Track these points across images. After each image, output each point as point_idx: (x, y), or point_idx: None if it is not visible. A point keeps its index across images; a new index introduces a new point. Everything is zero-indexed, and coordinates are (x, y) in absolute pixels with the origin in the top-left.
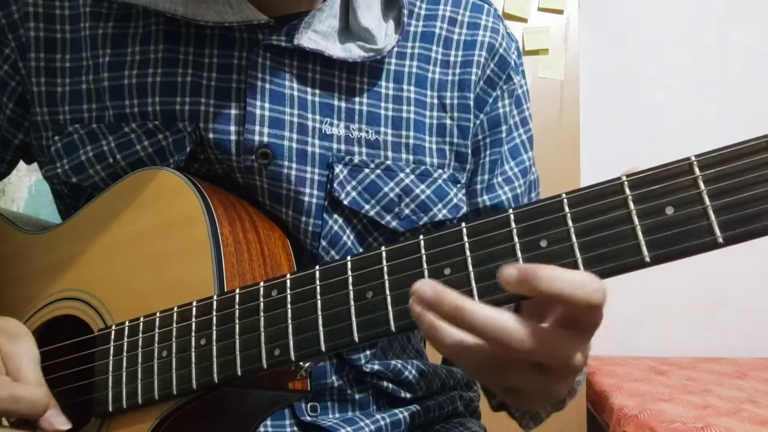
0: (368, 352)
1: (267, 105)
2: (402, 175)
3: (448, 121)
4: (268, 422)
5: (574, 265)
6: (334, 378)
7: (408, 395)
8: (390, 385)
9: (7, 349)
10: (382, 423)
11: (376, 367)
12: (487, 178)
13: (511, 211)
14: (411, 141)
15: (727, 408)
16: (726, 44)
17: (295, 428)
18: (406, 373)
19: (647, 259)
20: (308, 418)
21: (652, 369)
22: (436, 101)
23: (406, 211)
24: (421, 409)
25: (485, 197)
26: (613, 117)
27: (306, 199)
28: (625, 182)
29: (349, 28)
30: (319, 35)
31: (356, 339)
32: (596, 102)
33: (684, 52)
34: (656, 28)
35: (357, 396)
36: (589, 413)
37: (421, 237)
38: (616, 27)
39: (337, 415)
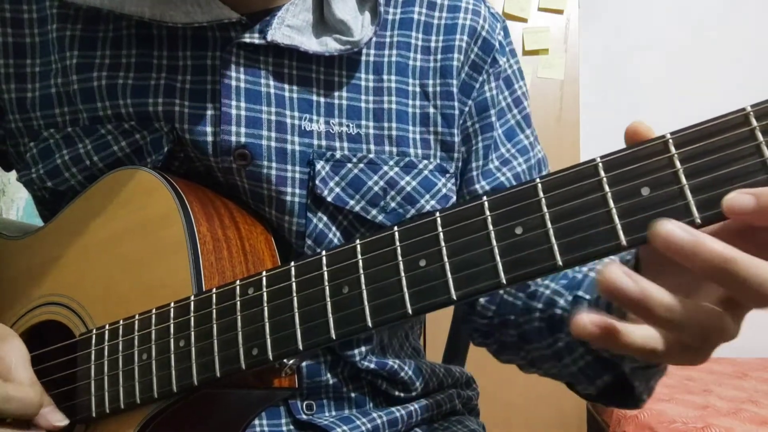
0: (363, 348)
1: (243, 104)
2: (386, 167)
3: (431, 110)
4: (264, 421)
5: (549, 253)
6: (328, 375)
7: (403, 395)
8: (385, 384)
9: None
10: (378, 422)
11: (372, 365)
12: (481, 164)
13: (485, 198)
14: (394, 132)
15: (727, 408)
16: (727, 44)
17: (291, 427)
18: (402, 373)
19: (624, 243)
20: (304, 417)
21: None
22: (418, 90)
23: (392, 205)
24: (418, 408)
25: (483, 183)
26: (613, 117)
27: (288, 198)
28: (600, 164)
29: (324, 21)
30: (294, 30)
31: (333, 336)
32: (596, 102)
33: (684, 52)
34: (656, 28)
35: (353, 394)
36: (589, 413)
37: (395, 228)
38: (616, 27)
39: (333, 413)
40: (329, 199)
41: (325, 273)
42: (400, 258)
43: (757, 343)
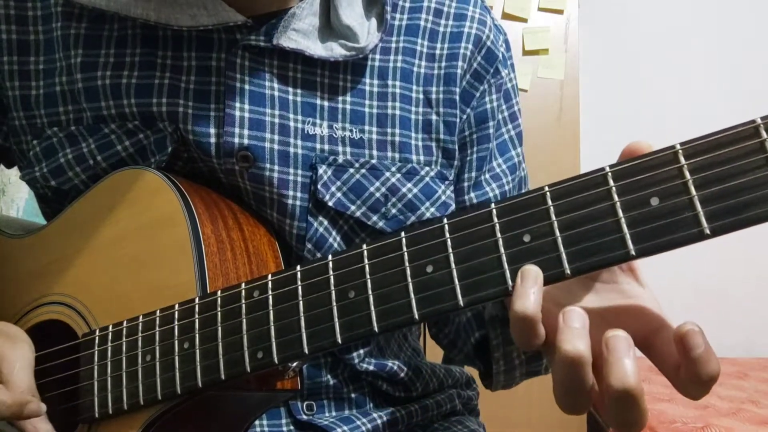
0: (362, 351)
1: (246, 106)
2: (388, 174)
3: (434, 117)
4: (264, 421)
5: (557, 261)
6: (329, 376)
7: (404, 395)
8: (385, 385)
9: (3, 352)
10: (379, 422)
11: (371, 367)
12: (474, 175)
13: (493, 205)
14: (397, 138)
15: (727, 408)
16: (726, 44)
17: (291, 427)
18: (402, 374)
19: (632, 252)
20: (304, 417)
21: (652, 369)
22: (421, 96)
23: (393, 211)
24: (419, 408)
25: (472, 195)
26: (613, 117)
27: (289, 201)
28: (609, 173)
29: (330, 26)
30: (300, 34)
31: (339, 340)
32: (596, 102)
33: (684, 52)
34: (656, 27)
35: (353, 395)
36: (589, 413)
37: (403, 234)
38: (616, 27)
39: (333, 413)
40: (330, 203)
41: (332, 277)
42: (407, 263)
43: (757, 343)
